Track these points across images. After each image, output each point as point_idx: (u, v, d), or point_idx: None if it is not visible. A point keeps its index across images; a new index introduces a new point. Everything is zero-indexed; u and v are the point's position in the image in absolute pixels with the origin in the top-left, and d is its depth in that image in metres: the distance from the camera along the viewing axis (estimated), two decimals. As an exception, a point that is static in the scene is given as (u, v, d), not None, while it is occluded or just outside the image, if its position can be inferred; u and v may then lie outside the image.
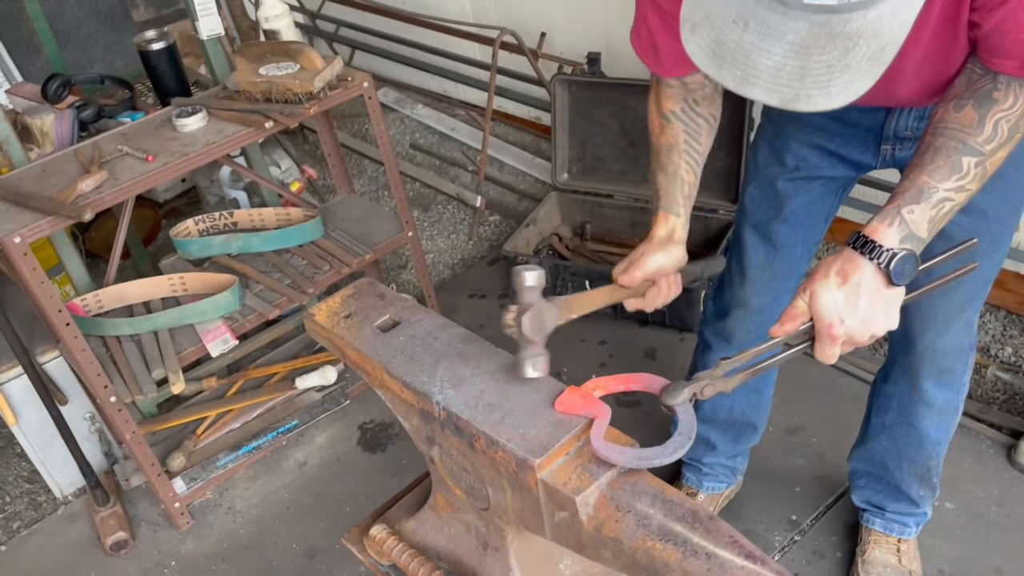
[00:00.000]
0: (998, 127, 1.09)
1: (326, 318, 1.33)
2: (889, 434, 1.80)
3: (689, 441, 1.02)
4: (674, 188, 1.37)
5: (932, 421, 1.73)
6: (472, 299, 3.09)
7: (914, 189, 1.09)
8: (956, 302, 1.55)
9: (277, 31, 2.65)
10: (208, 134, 2.25)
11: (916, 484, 1.84)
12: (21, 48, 3.52)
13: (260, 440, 2.54)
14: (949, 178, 1.08)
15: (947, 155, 1.09)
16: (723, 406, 1.95)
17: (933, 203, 1.08)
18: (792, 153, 1.58)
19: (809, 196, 1.61)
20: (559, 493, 1.02)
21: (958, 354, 1.65)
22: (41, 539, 2.48)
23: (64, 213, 1.98)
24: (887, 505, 1.91)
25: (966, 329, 1.61)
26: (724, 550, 0.94)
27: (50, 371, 2.41)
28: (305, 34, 4.50)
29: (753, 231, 1.69)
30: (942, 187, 1.08)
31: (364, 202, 2.87)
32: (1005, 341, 2.49)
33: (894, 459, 1.82)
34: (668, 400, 1.08)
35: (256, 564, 2.29)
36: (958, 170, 1.08)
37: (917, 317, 1.59)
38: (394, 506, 1.47)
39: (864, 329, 1.08)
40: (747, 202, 1.70)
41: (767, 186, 1.64)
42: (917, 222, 1.08)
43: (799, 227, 1.65)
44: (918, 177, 1.09)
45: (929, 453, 1.79)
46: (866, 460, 1.89)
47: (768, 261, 1.69)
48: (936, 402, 1.70)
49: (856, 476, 1.95)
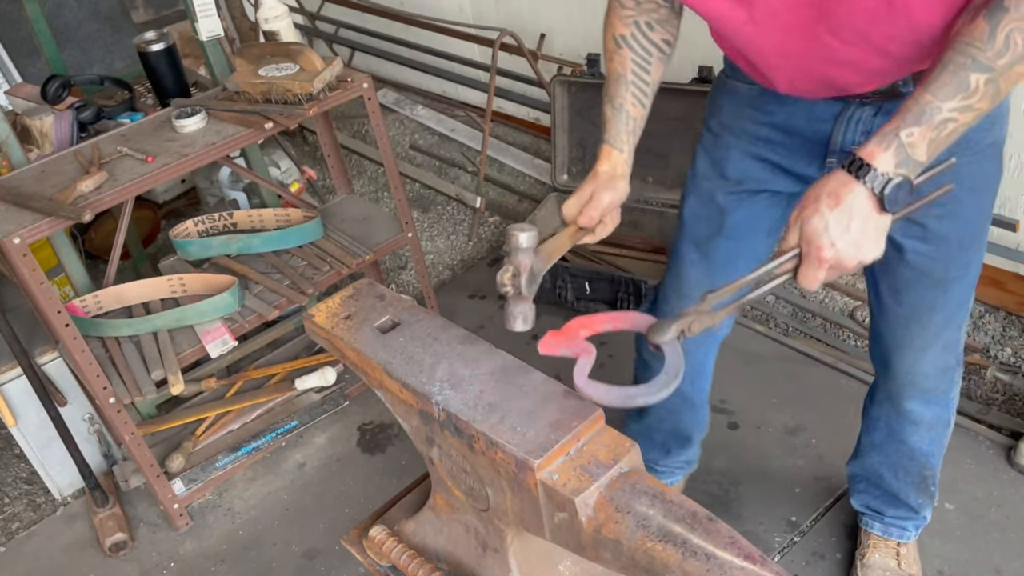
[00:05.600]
0: (1011, 39, 0.99)
1: (325, 319, 1.32)
2: (881, 451, 1.78)
3: (676, 380, 1.00)
4: (619, 122, 1.37)
5: (922, 436, 1.70)
6: (472, 300, 3.09)
7: (916, 109, 1.02)
8: (932, 329, 1.51)
9: (277, 32, 2.65)
10: (208, 135, 2.25)
11: (914, 493, 1.82)
12: (21, 49, 3.52)
13: (259, 441, 2.54)
14: (954, 96, 1.01)
15: (954, 71, 1.01)
16: (660, 418, 1.93)
17: (935, 124, 1.02)
18: (733, 165, 1.51)
19: (752, 210, 1.54)
20: (558, 494, 1.02)
21: (941, 374, 1.60)
22: (40, 540, 2.48)
23: (64, 214, 1.98)
24: (886, 511, 1.90)
25: (947, 349, 1.56)
26: (724, 551, 0.94)
27: (49, 372, 2.40)
28: (305, 35, 4.50)
29: (692, 247, 1.62)
30: (946, 107, 1.01)
31: (364, 203, 2.87)
32: (1005, 342, 2.49)
33: (889, 471, 1.80)
34: (655, 338, 1.06)
35: (255, 565, 2.29)
36: (964, 88, 1.01)
37: (893, 343, 1.55)
38: (393, 507, 1.47)
39: (854, 253, 1.04)
40: (687, 216, 1.62)
41: (707, 200, 1.57)
42: (916, 145, 1.02)
43: (741, 243, 1.56)
44: (922, 96, 1.02)
45: (923, 464, 1.76)
46: (862, 469, 1.87)
47: (707, 278, 1.60)
48: (924, 419, 1.66)
49: (855, 481, 1.93)
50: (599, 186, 1.33)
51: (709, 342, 1.79)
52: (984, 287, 2.59)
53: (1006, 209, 2.42)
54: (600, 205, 1.32)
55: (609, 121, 1.37)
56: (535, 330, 1.87)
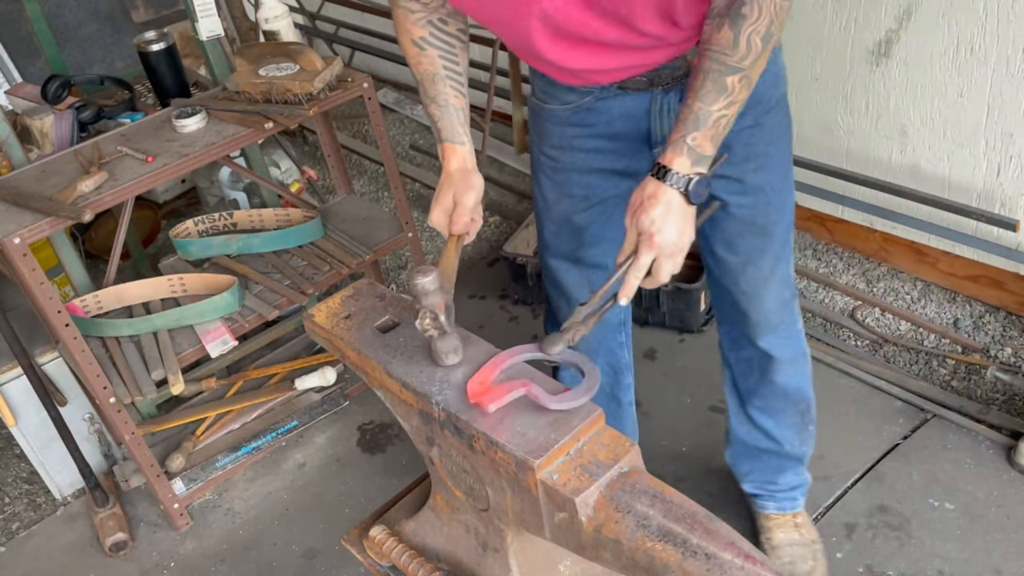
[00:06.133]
0: (751, 42, 1.20)
1: (326, 319, 1.33)
2: (758, 396, 1.86)
3: (596, 369, 1.14)
4: (450, 117, 1.42)
5: (787, 372, 1.80)
6: (472, 300, 3.09)
7: (692, 117, 1.22)
8: (765, 269, 1.66)
9: (277, 32, 2.65)
10: (208, 135, 2.25)
11: (796, 438, 1.90)
12: (21, 49, 3.52)
13: (259, 441, 2.54)
14: (718, 100, 1.21)
15: (713, 79, 1.21)
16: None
17: (710, 124, 1.21)
18: (575, 183, 1.60)
19: (606, 216, 1.63)
20: (558, 494, 1.02)
21: (783, 307, 1.73)
22: (40, 540, 2.48)
23: (64, 214, 1.98)
24: (777, 479, 1.97)
25: (784, 284, 1.71)
26: (723, 551, 0.94)
27: (49, 372, 2.41)
28: (305, 35, 4.50)
29: (561, 260, 1.72)
30: (714, 109, 1.21)
31: (364, 203, 2.87)
32: (1005, 342, 2.49)
33: (770, 419, 1.87)
34: (549, 350, 1.19)
35: (255, 565, 2.29)
36: (724, 91, 1.21)
37: (737, 291, 1.69)
38: (394, 507, 1.47)
39: (678, 239, 1.23)
40: (548, 237, 1.71)
41: (564, 221, 1.66)
42: (701, 145, 1.22)
43: (605, 245, 1.67)
44: (693, 104, 1.22)
45: (797, 400, 1.85)
46: (743, 445, 1.94)
47: (586, 280, 1.72)
48: (784, 356, 1.78)
49: (739, 465, 2.00)
50: (458, 188, 1.39)
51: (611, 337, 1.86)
52: (984, 287, 2.59)
53: (1006, 209, 2.42)
54: (467, 207, 1.38)
55: (439, 120, 1.43)
56: (534, 330, 1.88)
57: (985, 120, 2.35)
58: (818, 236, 2.97)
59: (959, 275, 2.63)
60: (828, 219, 2.89)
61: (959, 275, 2.63)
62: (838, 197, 2.74)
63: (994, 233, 2.45)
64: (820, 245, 2.97)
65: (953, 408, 2.30)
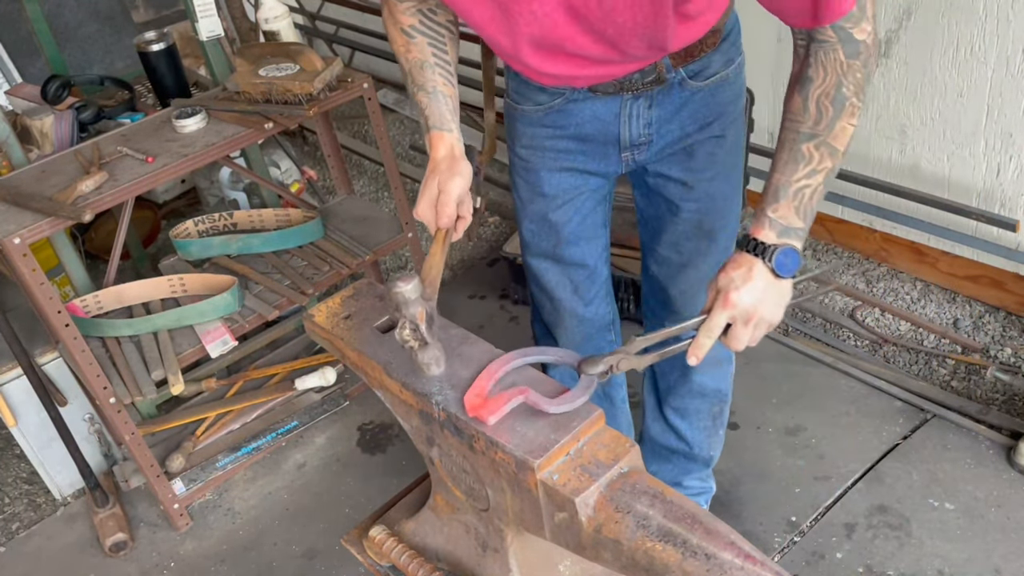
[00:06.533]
0: (821, 106, 1.16)
1: (326, 319, 1.33)
2: (675, 394, 1.87)
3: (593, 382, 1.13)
4: (439, 104, 1.39)
5: (707, 371, 1.82)
6: (472, 300, 3.09)
7: (771, 191, 1.19)
8: (703, 271, 1.67)
9: (277, 32, 2.66)
10: (208, 135, 2.25)
11: (705, 440, 1.92)
12: (21, 49, 3.51)
13: (259, 441, 2.54)
14: (797, 169, 1.17)
15: (789, 148, 1.18)
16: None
17: (791, 196, 1.17)
18: (547, 182, 1.62)
19: (580, 215, 1.66)
20: (559, 494, 1.02)
21: None
22: (40, 540, 2.48)
23: (64, 214, 1.98)
24: (682, 481, 1.98)
25: None
26: (723, 551, 0.94)
27: (49, 372, 2.41)
28: (305, 35, 4.50)
29: (541, 259, 1.74)
30: (793, 180, 1.17)
31: (364, 203, 2.87)
32: (1005, 342, 2.49)
33: (682, 419, 1.89)
34: (588, 370, 1.14)
35: (255, 565, 2.29)
36: (802, 159, 1.17)
37: (675, 290, 1.72)
38: (393, 507, 1.47)
39: (758, 306, 1.16)
40: (527, 237, 1.73)
41: (539, 220, 1.68)
42: (785, 217, 1.17)
43: (582, 243, 1.70)
44: (773, 175, 1.19)
45: (712, 401, 1.87)
46: (656, 435, 1.95)
47: (567, 278, 1.74)
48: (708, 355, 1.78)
49: (647, 464, 2.00)
50: (444, 176, 1.32)
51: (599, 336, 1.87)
52: (984, 287, 2.59)
53: (1006, 209, 2.42)
54: (453, 196, 1.31)
55: (427, 108, 1.38)
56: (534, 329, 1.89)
57: (985, 120, 2.35)
58: (818, 236, 2.97)
59: (959, 275, 2.63)
60: (828, 219, 2.90)
61: (959, 275, 2.63)
62: (838, 197, 2.74)
63: (994, 233, 2.45)
64: (820, 245, 2.97)
65: (953, 408, 2.30)
